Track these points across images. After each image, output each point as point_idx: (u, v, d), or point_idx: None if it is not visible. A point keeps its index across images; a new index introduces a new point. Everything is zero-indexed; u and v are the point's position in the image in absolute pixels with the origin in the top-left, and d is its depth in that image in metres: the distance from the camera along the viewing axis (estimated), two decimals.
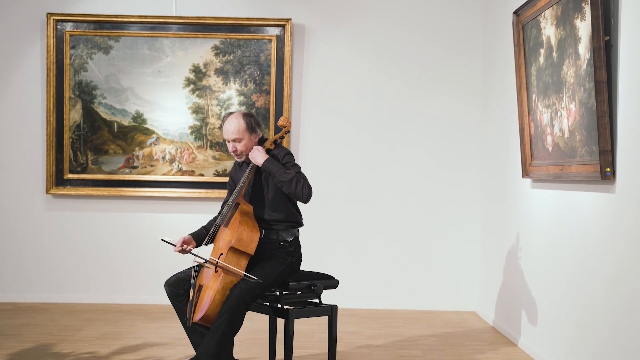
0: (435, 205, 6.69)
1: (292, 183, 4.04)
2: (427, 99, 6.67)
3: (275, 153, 4.22)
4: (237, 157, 4.25)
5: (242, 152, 4.20)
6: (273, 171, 4.07)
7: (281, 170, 4.06)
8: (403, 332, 5.72)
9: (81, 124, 6.65)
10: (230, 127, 4.17)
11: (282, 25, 6.57)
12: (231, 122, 4.19)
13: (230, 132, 4.17)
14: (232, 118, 4.21)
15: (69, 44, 6.60)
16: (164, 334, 5.47)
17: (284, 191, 4.11)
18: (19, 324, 5.73)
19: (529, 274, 5.13)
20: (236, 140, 4.18)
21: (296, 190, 4.06)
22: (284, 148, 4.29)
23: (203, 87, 6.66)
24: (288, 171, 4.07)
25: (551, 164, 4.51)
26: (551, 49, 4.41)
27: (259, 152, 4.14)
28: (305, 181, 4.09)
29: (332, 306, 4.21)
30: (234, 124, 4.17)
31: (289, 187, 4.05)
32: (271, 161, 4.09)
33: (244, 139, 4.18)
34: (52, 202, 6.68)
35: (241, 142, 4.18)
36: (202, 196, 6.65)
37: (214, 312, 3.90)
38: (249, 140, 4.20)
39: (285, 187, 4.06)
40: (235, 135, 4.17)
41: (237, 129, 4.16)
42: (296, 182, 4.05)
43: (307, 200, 4.11)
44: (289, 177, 4.04)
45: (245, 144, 4.19)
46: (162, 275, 6.52)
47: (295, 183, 4.05)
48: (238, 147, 4.19)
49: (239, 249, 3.97)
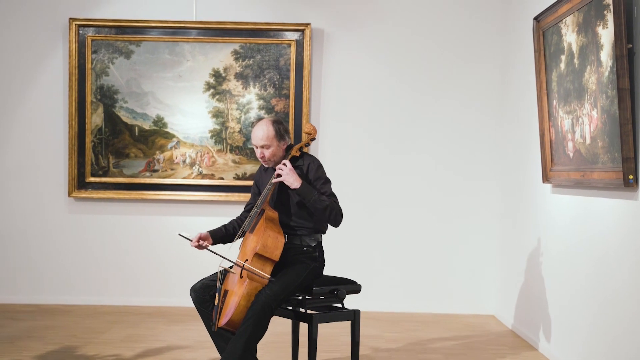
0: (453, 209, 6.71)
1: (325, 212, 4.09)
2: (443, 105, 6.69)
3: (305, 164, 4.23)
4: (265, 164, 4.29)
5: (269, 158, 4.23)
6: (308, 197, 4.09)
7: (316, 196, 4.08)
8: (422, 335, 5.76)
9: (103, 127, 6.72)
10: (259, 133, 4.20)
11: (301, 29, 6.62)
12: (260, 128, 4.21)
13: (259, 138, 4.20)
14: (261, 124, 4.23)
15: (91, 49, 6.67)
16: (186, 337, 5.53)
17: (315, 214, 4.15)
18: (43, 325, 5.80)
19: (549, 278, 5.15)
20: (264, 147, 4.21)
21: (329, 219, 4.14)
22: (313, 158, 4.29)
23: (223, 91, 6.71)
24: (322, 198, 4.10)
25: (572, 170, 4.53)
26: (572, 55, 4.43)
27: (292, 176, 4.10)
28: (337, 208, 4.13)
29: (354, 311, 4.25)
30: (263, 131, 4.20)
31: (322, 215, 4.11)
32: (305, 186, 4.10)
33: (272, 146, 4.21)
34: (74, 205, 6.75)
35: (269, 149, 4.21)
36: (222, 199, 6.71)
37: (239, 317, 3.94)
38: (277, 147, 4.23)
39: (318, 214, 4.12)
40: (263, 142, 4.20)
41: (266, 136, 4.19)
42: (330, 211, 4.10)
43: (336, 226, 4.19)
44: (323, 206, 4.08)
45: (273, 151, 4.22)
46: (182, 278, 6.67)
47: (329, 213, 4.10)
48: (266, 153, 4.22)
49: (264, 255, 4.01)
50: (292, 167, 4.14)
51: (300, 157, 4.29)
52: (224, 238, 4.37)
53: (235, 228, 4.43)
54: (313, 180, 4.18)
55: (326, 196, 4.13)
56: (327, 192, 4.16)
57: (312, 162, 4.25)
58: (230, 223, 4.46)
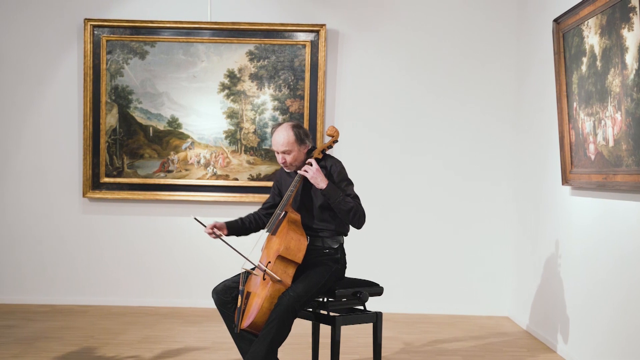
0: (466, 212, 6.70)
1: (349, 214, 4.08)
2: (458, 108, 6.69)
3: (327, 165, 4.23)
4: (287, 169, 4.28)
5: (291, 163, 4.22)
6: (333, 199, 4.08)
7: (341, 197, 4.08)
8: (439, 337, 5.75)
9: (117, 128, 6.72)
10: (280, 139, 4.19)
11: (316, 30, 6.61)
12: (280, 133, 4.20)
13: (280, 143, 4.19)
14: (281, 129, 4.22)
15: (106, 49, 6.67)
16: (203, 338, 5.53)
17: (339, 216, 4.15)
18: (59, 326, 5.81)
19: (568, 280, 5.14)
20: (285, 152, 4.20)
21: (352, 221, 4.12)
22: (335, 160, 4.28)
23: (237, 92, 6.71)
24: (347, 199, 4.09)
25: (594, 173, 4.53)
26: (594, 57, 4.43)
27: (321, 176, 4.10)
28: (361, 210, 4.12)
29: (377, 313, 4.25)
30: (284, 136, 4.18)
31: (346, 216, 4.10)
32: (332, 187, 4.09)
33: (293, 151, 4.20)
34: (88, 205, 6.75)
35: (290, 154, 4.20)
36: (237, 200, 6.70)
37: (262, 319, 3.94)
38: (298, 151, 4.22)
39: (342, 215, 4.11)
40: (284, 147, 4.19)
41: (287, 141, 4.18)
42: (354, 213, 4.09)
43: (359, 228, 4.17)
44: (348, 208, 4.07)
45: (295, 156, 4.21)
46: (196, 279, 6.68)
47: (353, 215, 4.09)
48: (287, 158, 4.21)
49: (287, 258, 4.01)
50: (319, 167, 4.13)
51: (323, 159, 4.28)
52: (240, 230, 4.38)
53: (252, 222, 4.44)
54: (337, 181, 4.17)
55: (350, 198, 4.12)
56: (351, 194, 4.16)
57: (334, 163, 4.24)
58: (247, 217, 4.47)
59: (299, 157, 4.22)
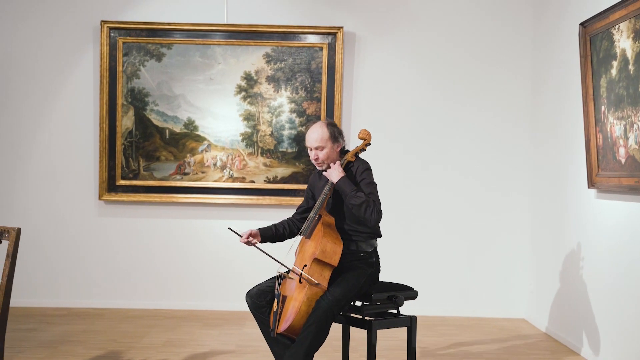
0: (483, 213, 6.72)
1: (361, 207, 4.05)
2: (474, 111, 6.70)
3: (354, 166, 4.23)
4: (319, 166, 4.27)
5: (323, 160, 4.22)
6: (345, 192, 4.08)
7: (353, 192, 4.06)
8: (461, 340, 5.76)
9: (133, 130, 6.69)
10: (314, 135, 4.20)
11: (333, 33, 6.60)
12: (314, 130, 4.21)
13: (314, 140, 4.20)
14: (316, 126, 4.23)
15: (122, 51, 6.64)
16: (227, 341, 5.51)
17: (352, 212, 4.13)
18: (80, 330, 5.77)
19: (593, 282, 5.15)
20: (318, 149, 4.20)
21: (364, 215, 4.06)
22: (363, 162, 4.29)
23: (254, 94, 6.69)
24: (359, 194, 4.06)
25: (624, 176, 4.54)
26: (626, 61, 4.44)
27: (335, 170, 4.13)
28: (375, 206, 4.07)
29: (411, 317, 4.25)
30: (318, 133, 4.19)
31: (358, 210, 4.06)
32: (344, 181, 4.09)
33: (326, 148, 4.20)
34: (104, 208, 6.72)
35: (323, 151, 4.20)
36: (253, 203, 6.69)
37: (300, 323, 3.93)
38: (331, 149, 4.22)
39: (355, 210, 4.07)
40: (318, 144, 4.19)
41: (321, 137, 4.19)
42: (365, 207, 4.05)
43: (374, 225, 4.12)
44: (359, 202, 4.04)
45: (327, 153, 4.21)
46: (213, 282, 6.67)
47: (365, 208, 4.05)
48: (320, 155, 4.21)
49: (322, 261, 4.00)
50: (339, 165, 4.15)
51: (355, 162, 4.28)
52: (274, 237, 4.37)
53: (285, 228, 4.42)
54: (358, 180, 4.18)
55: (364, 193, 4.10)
56: (366, 191, 4.14)
57: (361, 164, 4.25)
58: (281, 223, 4.45)
59: (331, 154, 4.22)
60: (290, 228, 4.45)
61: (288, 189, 6.71)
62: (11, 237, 3.20)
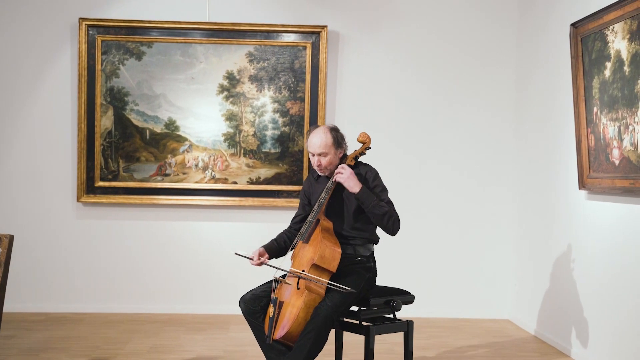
0: (468, 215, 6.69)
1: (383, 218, 4.01)
2: (460, 109, 6.67)
3: (362, 173, 4.15)
4: (321, 172, 4.18)
5: (326, 166, 4.14)
6: (367, 202, 4.00)
7: (375, 202, 4.00)
8: (450, 342, 5.71)
9: (112, 130, 6.53)
10: (317, 141, 4.11)
11: (317, 32, 6.51)
12: (317, 136, 4.12)
13: (317, 146, 4.11)
14: (318, 132, 4.14)
15: (101, 50, 6.48)
16: (213, 346, 5.40)
17: (373, 221, 4.06)
18: (60, 336, 5.61)
19: (582, 283, 5.14)
20: (322, 155, 4.12)
21: (386, 226, 4.03)
22: (370, 167, 4.21)
23: (237, 94, 6.58)
24: (381, 204, 4.01)
25: (618, 178, 4.52)
26: (621, 62, 4.42)
27: (352, 179, 4.03)
28: (395, 216, 4.04)
29: (408, 321, 4.19)
30: (321, 139, 4.10)
31: (380, 221, 4.02)
32: (365, 191, 4.01)
33: (329, 154, 4.12)
34: (83, 210, 6.56)
35: (326, 157, 4.12)
36: (236, 204, 6.58)
37: (297, 329, 3.84)
38: (334, 155, 4.14)
39: (376, 220, 4.03)
40: (321, 150, 4.10)
41: (324, 144, 4.10)
42: (388, 218, 4.01)
43: (394, 235, 4.09)
44: (382, 212, 4.00)
45: (330, 159, 4.13)
46: (195, 285, 6.56)
47: (387, 219, 4.01)
48: (323, 161, 4.12)
49: (321, 266, 3.92)
50: (352, 171, 4.05)
51: (356, 167, 4.19)
52: (278, 252, 4.26)
53: (286, 241, 4.31)
54: (372, 187, 4.10)
55: (384, 203, 4.05)
56: (384, 200, 4.08)
57: (369, 170, 4.17)
58: (280, 237, 4.33)
59: (334, 160, 4.14)
60: (291, 240, 4.33)
61: (271, 190, 6.60)
62: (3, 245, 3.07)
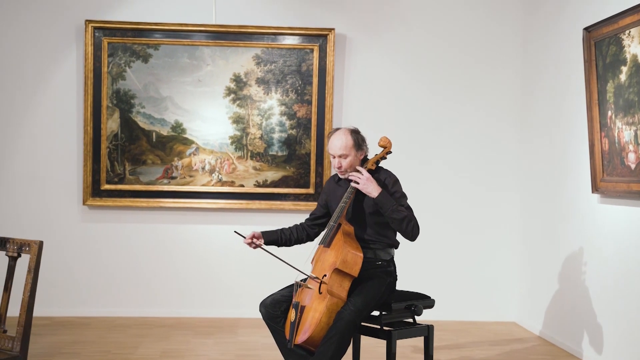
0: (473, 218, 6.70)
1: (402, 223, 4.00)
2: (466, 112, 6.68)
3: (381, 178, 4.14)
4: (341, 174, 4.17)
5: (346, 168, 4.13)
6: (386, 207, 3.99)
7: (394, 206, 3.99)
8: (460, 345, 5.72)
9: (119, 133, 6.49)
10: (338, 142, 4.10)
11: (324, 35, 6.50)
12: (338, 137, 4.11)
13: (338, 147, 4.10)
14: (339, 134, 4.13)
15: (107, 52, 6.44)
16: (224, 350, 5.37)
17: (392, 226, 4.06)
18: (69, 340, 5.57)
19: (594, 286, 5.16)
20: (342, 157, 4.11)
21: (405, 230, 4.03)
22: (389, 173, 4.21)
23: (244, 96, 6.56)
24: (400, 208, 4.00)
25: (634, 181, 4.54)
26: (638, 67, 4.44)
27: (372, 184, 4.02)
28: (415, 221, 4.04)
29: (429, 326, 4.19)
30: (342, 140, 4.09)
31: (399, 225, 4.01)
32: (385, 195, 4.00)
33: (350, 156, 4.11)
34: (89, 213, 6.51)
35: (347, 159, 4.11)
36: (243, 207, 6.56)
37: (320, 334, 3.82)
38: (355, 157, 4.13)
39: (395, 224, 4.02)
40: (342, 152, 4.09)
41: (345, 145, 4.09)
42: (407, 222, 4.01)
43: (413, 240, 4.09)
44: (401, 217, 3.99)
45: (351, 161, 4.12)
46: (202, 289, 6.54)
47: (406, 224, 4.01)
48: (343, 163, 4.11)
49: (343, 271, 3.91)
50: (370, 176, 4.04)
51: (376, 171, 4.19)
52: (278, 241, 4.28)
53: (292, 233, 4.33)
54: (391, 192, 4.09)
55: (404, 208, 4.04)
56: (404, 205, 4.08)
57: (388, 176, 4.17)
58: (289, 228, 4.36)
59: (354, 162, 4.13)
60: (299, 234, 4.35)
61: (278, 193, 6.59)
62: (32, 251, 3.05)
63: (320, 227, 4.41)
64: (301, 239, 4.37)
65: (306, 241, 4.39)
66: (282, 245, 4.34)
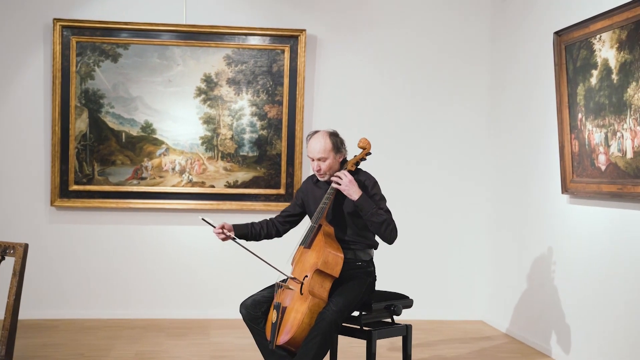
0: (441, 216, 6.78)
1: (381, 226, 4.01)
2: (437, 111, 6.76)
3: (361, 179, 4.16)
4: (320, 177, 4.19)
5: (325, 171, 4.15)
6: (366, 209, 4.01)
7: (373, 209, 4.01)
8: (430, 343, 5.79)
9: (87, 133, 6.42)
10: (316, 146, 4.12)
11: (295, 36, 6.52)
12: (317, 140, 4.13)
13: (316, 151, 4.11)
14: (318, 137, 4.15)
15: (75, 51, 6.36)
16: (198, 352, 5.35)
17: (370, 229, 4.09)
18: (39, 343, 5.50)
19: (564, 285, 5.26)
20: (321, 160, 4.13)
21: (384, 234, 4.04)
22: (369, 175, 4.23)
23: (214, 97, 6.54)
24: (380, 212, 4.02)
25: (604, 183, 4.65)
26: (609, 70, 4.55)
27: (355, 187, 4.03)
28: (393, 225, 4.06)
29: (407, 326, 4.24)
30: (320, 143, 4.11)
31: (378, 229, 4.03)
32: (365, 198, 4.02)
33: (329, 159, 4.13)
34: (57, 214, 6.43)
35: (326, 162, 4.13)
36: (213, 208, 6.54)
37: (301, 335, 3.84)
38: (334, 159, 4.15)
39: (374, 228, 4.04)
40: (320, 155, 4.11)
41: (323, 148, 4.11)
42: (386, 226, 4.02)
43: (391, 243, 4.10)
44: (380, 220, 4.00)
45: (330, 164, 4.14)
46: (173, 289, 6.49)
47: (385, 227, 4.02)
48: (322, 166, 4.13)
49: (324, 272, 3.93)
50: (352, 178, 4.06)
51: (356, 173, 4.21)
52: (248, 235, 4.29)
53: (263, 228, 4.35)
54: (370, 195, 4.12)
55: (383, 211, 4.08)
56: (383, 208, 4.11)
57: (367, 178, 4.20)
58: (259, 222, 4.37)
59: (333, 165, 4.15)
60: (268, 229, 4.36)
61: (249, 194, 6.58)
62: (17, 253, 3.01)
63: (291, 224, 4.43)
64: (270, 234, 4.37)
65: (274, 237, 4.40)
66: (250, 240, 4.33)
